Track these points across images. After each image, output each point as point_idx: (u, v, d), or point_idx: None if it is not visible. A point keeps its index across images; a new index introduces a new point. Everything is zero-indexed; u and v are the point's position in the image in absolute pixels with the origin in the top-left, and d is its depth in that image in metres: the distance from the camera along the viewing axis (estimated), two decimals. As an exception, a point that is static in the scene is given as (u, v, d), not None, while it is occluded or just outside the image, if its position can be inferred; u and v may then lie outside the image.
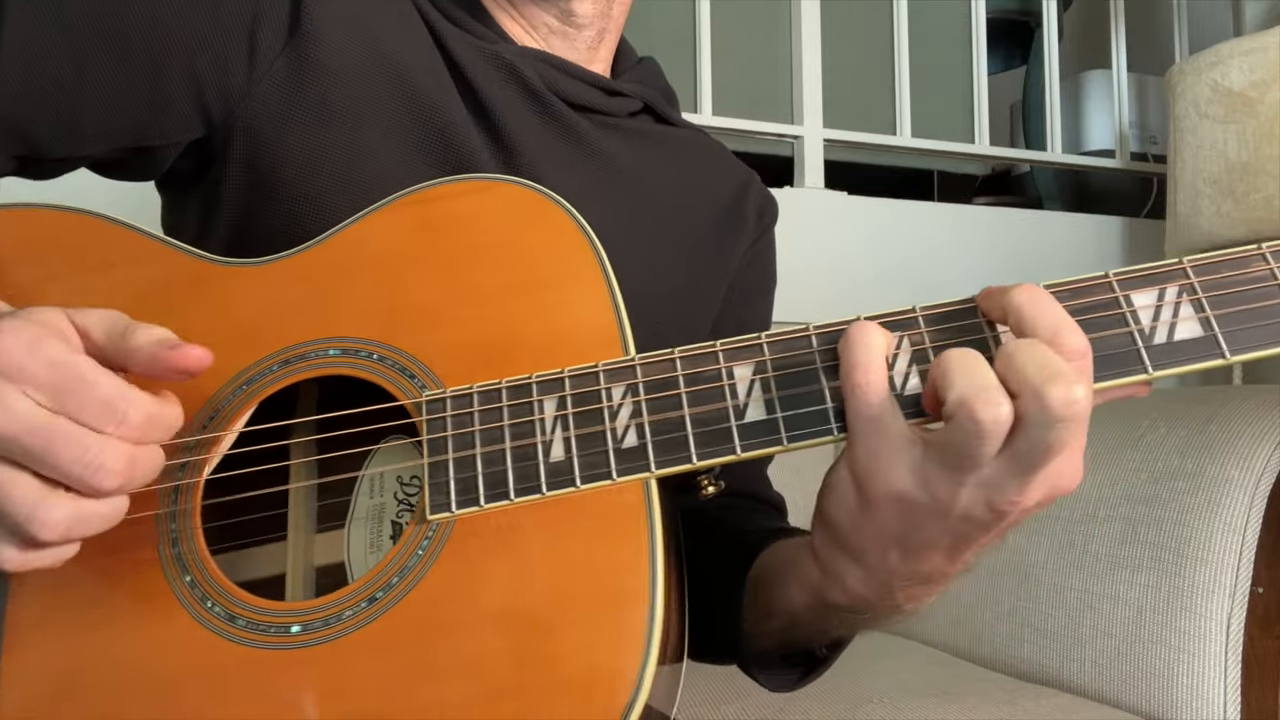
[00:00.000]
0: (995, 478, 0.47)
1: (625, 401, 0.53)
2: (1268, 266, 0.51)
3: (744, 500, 0.85)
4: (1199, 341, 0.50)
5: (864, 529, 0.52)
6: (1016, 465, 0.47)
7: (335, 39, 0.69)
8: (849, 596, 0.55)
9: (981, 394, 0.45)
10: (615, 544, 0.50)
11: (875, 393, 0.49)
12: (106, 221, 0.63)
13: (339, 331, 0.59)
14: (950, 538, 0.51)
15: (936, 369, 0.48)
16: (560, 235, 0.59)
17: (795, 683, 0.70)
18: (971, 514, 0.49)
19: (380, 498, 0.62)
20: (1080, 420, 0.45)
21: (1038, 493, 0.48)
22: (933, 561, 0.52)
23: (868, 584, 0.54)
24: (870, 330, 0.50)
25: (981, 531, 0.50)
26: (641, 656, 0.48)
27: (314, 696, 0.49)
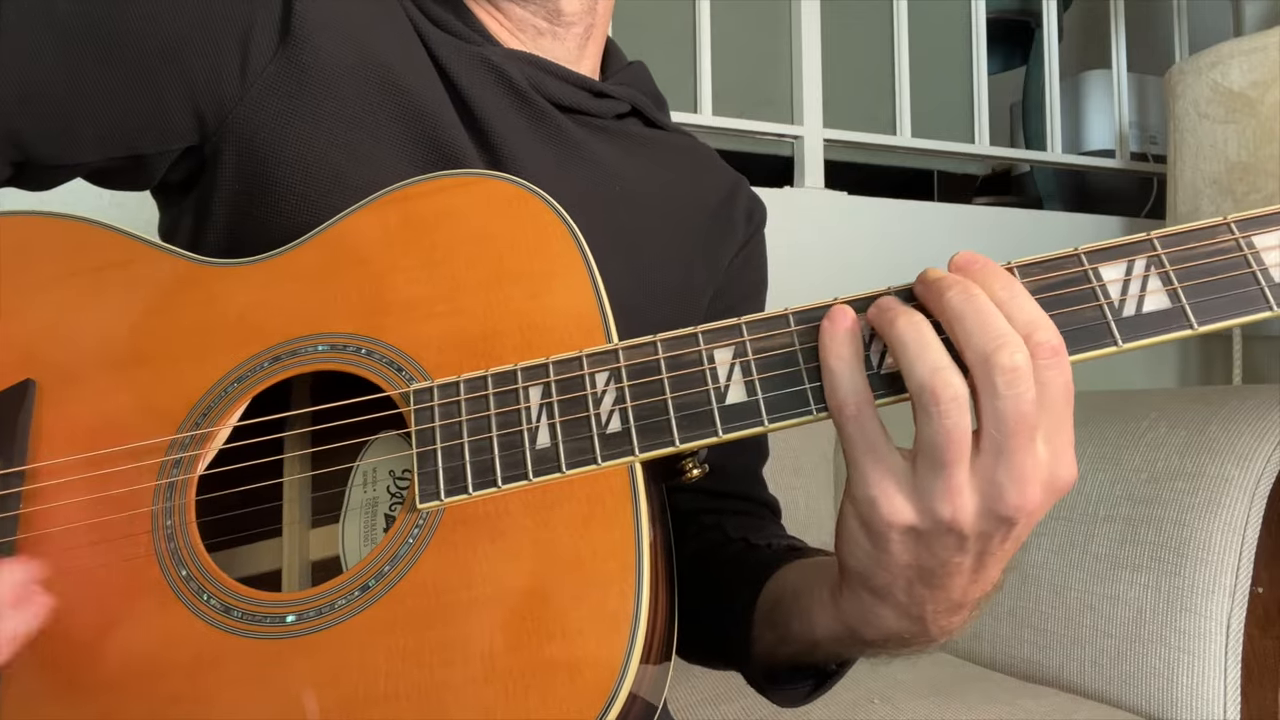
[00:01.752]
0: (984, 474, 0.48)
1: (609, 388, 0.54)
2: (1233, 237, 0.51)
3: (740, 502, 0.85)
4: (1167, 313, 0.50)
5: (883, 566, 0.52)
6: (995, 451, 0.47)
7: (326, 44, 0.69)
8: (884, 633, 0.56)
9: (937, 373, 0.47)
10: (601, 527, 0.51)
11: (867, 420, 0.50)
12: (93, 225, 0.63)
13: (327, 328, 0.59)
14: (968, 557, 0.51)
15: (892, 343, 0.50)
16: (542, 227, 0.60)
17: (804, 698, 0.70)
18: (980, 528, 0.49)
19: (373, 491, 0.62)
20: (1049, 390, 0.47)
21: (1034, 488, 0.48)
22: (958, 585, 0.52)
23: (900, 620, 0.54)
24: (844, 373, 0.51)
25: (997, 544, 0.50)
26: (629, 637, 0.48)
27: (310, 683, 0.50)
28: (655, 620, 0.50)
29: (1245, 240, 0.51)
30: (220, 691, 0.51)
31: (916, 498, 0.49)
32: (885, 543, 0.51)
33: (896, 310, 0.51)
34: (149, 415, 0.58)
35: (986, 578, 0.52)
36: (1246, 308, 0.50)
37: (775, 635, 0.66)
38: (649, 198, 0.82)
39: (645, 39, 1.92)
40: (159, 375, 0.59)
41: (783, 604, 0.65)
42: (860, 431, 0.50)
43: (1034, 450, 0.47)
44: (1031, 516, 0.49)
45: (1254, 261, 0.50)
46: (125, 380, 0.59)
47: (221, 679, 0.51)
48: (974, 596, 0.54)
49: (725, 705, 1.21)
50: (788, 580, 0.67)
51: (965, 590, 0.53)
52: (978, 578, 0.52)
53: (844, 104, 2.15)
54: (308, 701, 0.50)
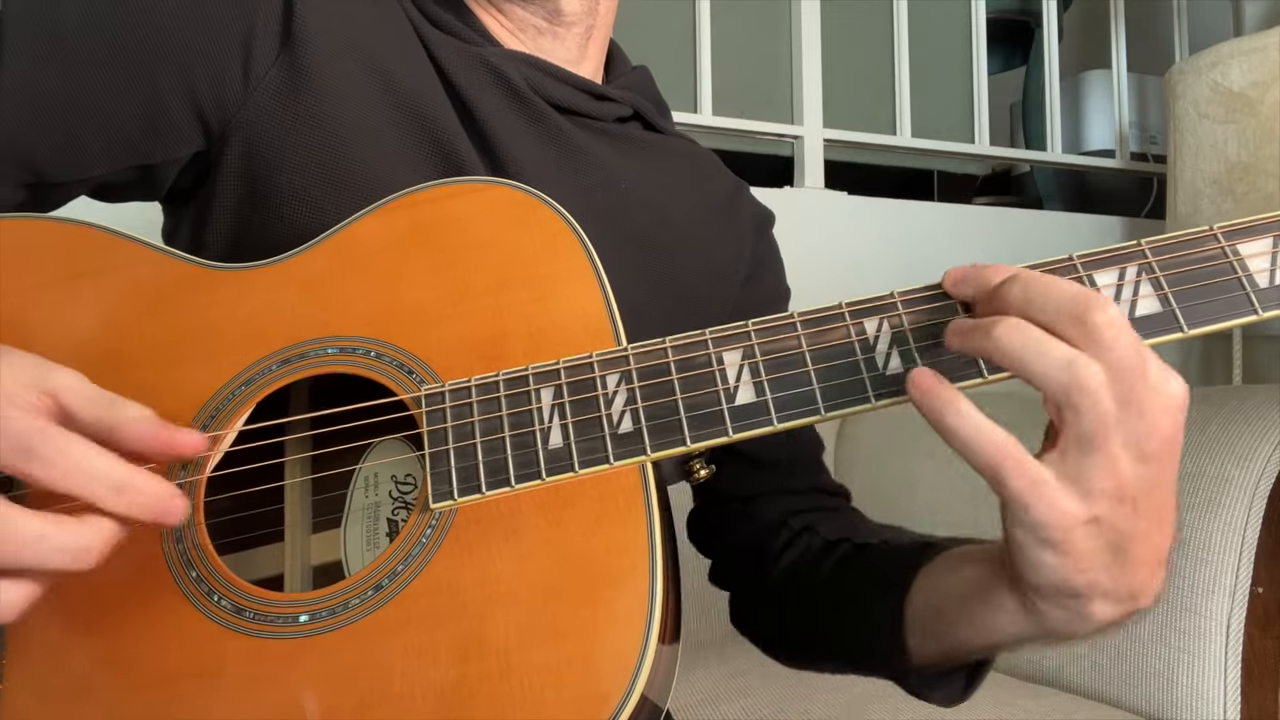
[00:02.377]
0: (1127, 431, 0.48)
1: (620, 389, 0.55)
2: (1219, 245, 0.54)
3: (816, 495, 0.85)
4: (1158, 317, 0.53)
5: (1076, 569, 0.51)
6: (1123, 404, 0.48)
7: (328, 48, 0.69)
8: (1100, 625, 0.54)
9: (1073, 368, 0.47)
10: (614, 526, 0.52)
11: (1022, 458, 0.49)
12: (94, 229, 0.63)
13: (336, 331, 0.59)
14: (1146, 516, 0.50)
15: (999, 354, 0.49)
16: (549, 232, 0.61)
17: (961, 694, 0.68)
18: (1141, 479, 0.49)
19: (375, 496, 0.63)
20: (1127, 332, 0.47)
21: (1165, 420, 0.48)
22: (1153, 543, 0.51)
23: (1115, 606, 0.53)
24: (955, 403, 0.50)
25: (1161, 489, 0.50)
26: (643, 634, 0.49)
27: (323, 683, 0.50)
28: (666, 617, 0.51)
29: (1231, 248, 0.54)
30: (233, 692, 0.51)
31: (1080, 490, 0.49)
32: (1069, 546, 0.50)
33: (984, 324, 0.50)
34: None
35: (1167, 523, 0.52)
36: (1233, 311, 0.53)
37: (939, 645, 0.64)
38: (649, 200, 0.82)
39: (645, 39, 1.92)
40: (164, 379, 0.59)
41: (944, 614, 0.63)
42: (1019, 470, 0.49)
43: (1151, 384, 0.48)
44: (1171, 443, 0.49)
45: (1239, 268, 0.53)
46: (129, 383, 0.59)
47: (234, 679, 0.51)
48: (1168, 544, 0.53)
49: (725, 705, 1.21)
50: (943, 588, 0.64)
51: (1159, 546, 0.52)
52: (1162, 527, 0.52)
53: (844, 104, 2.15)
54: (321, 701, 0.50)
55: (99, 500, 0.47)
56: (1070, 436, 0.49)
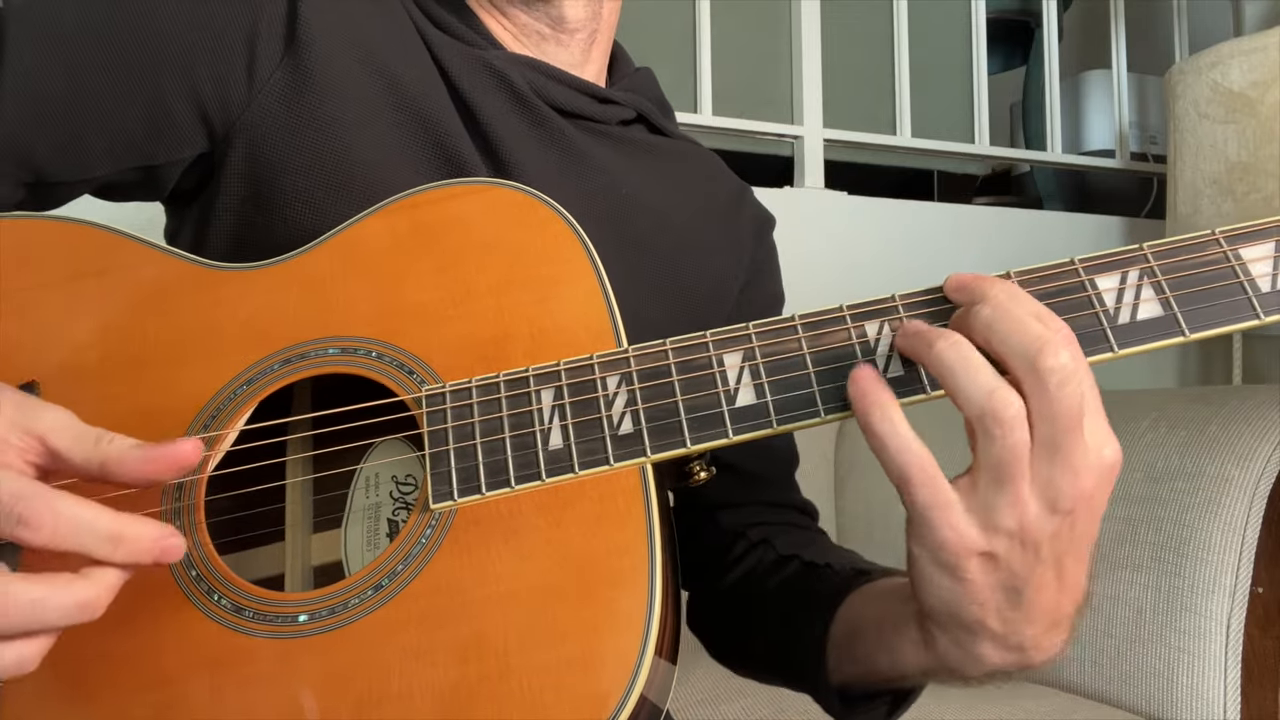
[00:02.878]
0: (1042, 477, 0.48)
1: (620, 390, 0.55)
2: (1221, 250, 0.54)
3: (781, 510, 0.85)
4: (1160, 320, 0.53)
5: (969, 599, 0.52)
6: (1049, 452, 0.48)
7: (332, 49, 0.69)
8: (987, 670, 0.55)
9: (992, 396, 0.48)
10: (614, 527, 0.52)
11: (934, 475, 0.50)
12: (96, 228, 0.63)
13: (338, 331, 0.60)
14: (1048, 567, 0.51)
15: (935, 368, 0.50)
16: (551, 234, 0.61)
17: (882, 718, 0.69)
18: (1047, 529, 0.49)
19: (376, 496, 0.63)
20: (1080, 383, 0.47)
21: (1087, 477, 0.48)
22: (1048, 599, 0.52)
23: (1002, 653, 0.54)
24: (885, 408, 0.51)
25: (1066, 542, 0.50)
26: (642, 634, 0.49)
27: (323, 683, 0.50)
28: (665, 618, 0.51)
29: (1233, 252, 0.54)
30: (232, 691, 0.51)
31: (983, 521, 0.49)
32: (963, 573, 0.50)
33: (930, 334, 0.51)
34: (156, 418, 0.58)
35: (1071, 584, 0.52)
36: (1235, 315, 0.53)
37: (857, 669, 0.65)
38: (652, 203, 0.82)
39: (645, 40, 1.92)
40: (165, 378, 0.59)
41: (863, 638, 0.64)
42: (929, 485, 0.50)
43: (1083, 441, 0.48)
44: (1090, 503, 0.49)
45: (1241, 272, 0.53)
46: (131, 383, 0.59)
47: (233, 678, 0.51)
48: (1067, 610, 0.53)
49: (725, 705, 1.21)
50: (865, 613, 0.66)
51: (1058, 604, 0.52)
52: (1063, 584, 0.52)
53: (844, 104, 2.15)
54: (320, 701, 0.50)
55: (96, 555, 0.46)
56: (980, 465, 0.49)
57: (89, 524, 0.46)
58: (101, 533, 0.46)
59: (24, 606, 0.44)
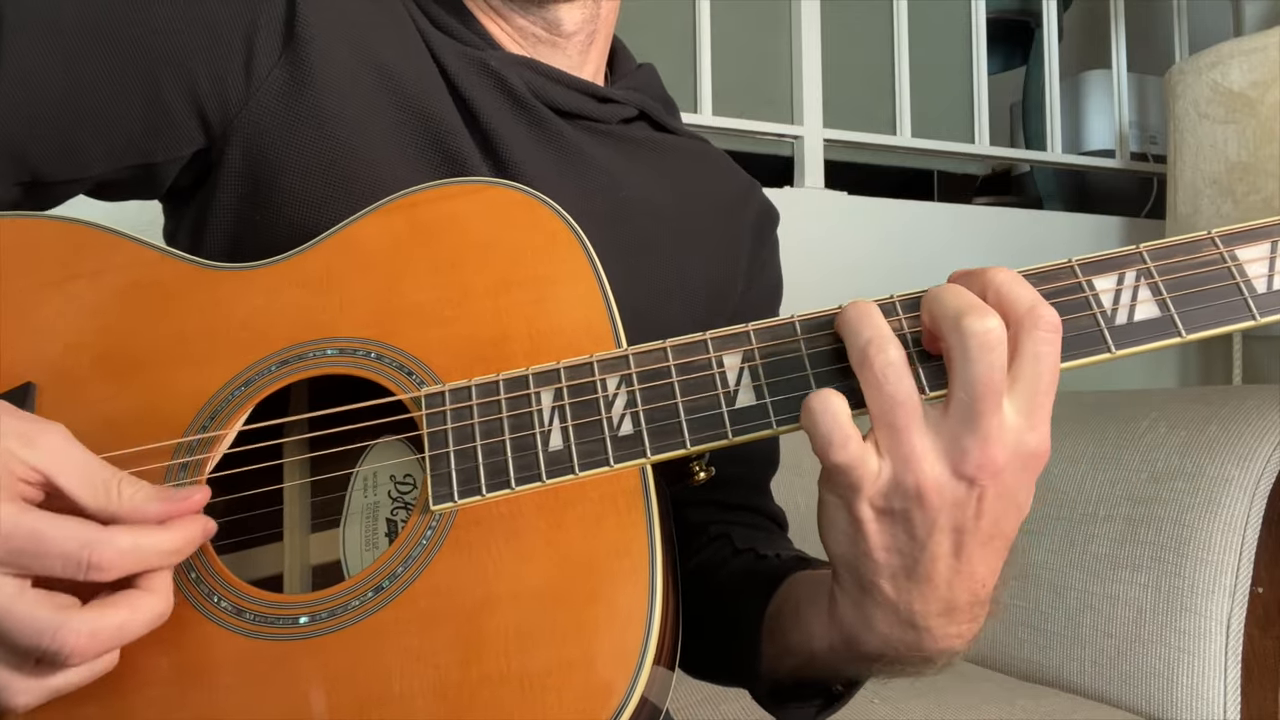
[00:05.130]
0: (949, 437, 0.48)
1: (620, 391, 0.55)
2: (1217, 250, 0.54)
3: (748, 514, 0.84)
4: (1157, 321, 0.53)
5: (864, 553, 0.52)
6: (961, 414, 0.48)
7: (330, 47, 0.69)
8: (878, 639, 0.55)
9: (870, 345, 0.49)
10: (615, 527, 0.52)
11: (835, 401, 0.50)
12: (93, 228, 0.63)
13: (336, 332, 0.59)
14: (945, 537, 0.50)
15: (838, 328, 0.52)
16: (549, 234, 0.61)
17: (811, 718, 0.69)
18: (949, 494, 0.49)
19: (374, 496, 0.63)
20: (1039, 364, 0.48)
21: (999, 450, 0.48)
22: (941, 574, 0.52)
23: (895, 626, 0.54)
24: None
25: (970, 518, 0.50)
26: (643, 634, 0.49)
27: (323, 684, 0.50)
28: (666, 618, 0.51)
29: (1229, 253, 0.54)
30: (232, 693, 0.51)
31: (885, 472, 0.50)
32: (861, 521, 0.51)
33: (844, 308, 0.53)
34: (153, 419, 0.58)
35: (970, 570, 0.52)
36: (1231, 316, 0.53)
37: (776, 648, 0.66)
38: (654, 202, 0.81)
39: (645, 39, 1.92)
40: (163, 379, 0.59)
41: (783, 615, 0.65)
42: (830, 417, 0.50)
43: (1000, 414, 0.48)
44: (998, 479, 0.49)
45: (1237, 273, 0.53)
46: (128, 384, 0.59)
47: (234, 680, 0.51)
48: (964, 598, 0.53)
49: (725, 705, 1.21)
50: (791, 592, 0.66)
51: (951, 584, 0.52)
52: (959, 566, 0.52)
53: (844, 104, 2.15)
54: (321, 702, 0.50)
55: (159, 567, 0.50)
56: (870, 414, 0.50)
57: (154, 547, 0.49)
58: (167, 549, 0.50)
59: (113, 633, 0.48)
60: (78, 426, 0.56)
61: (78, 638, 0.46)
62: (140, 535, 0.49)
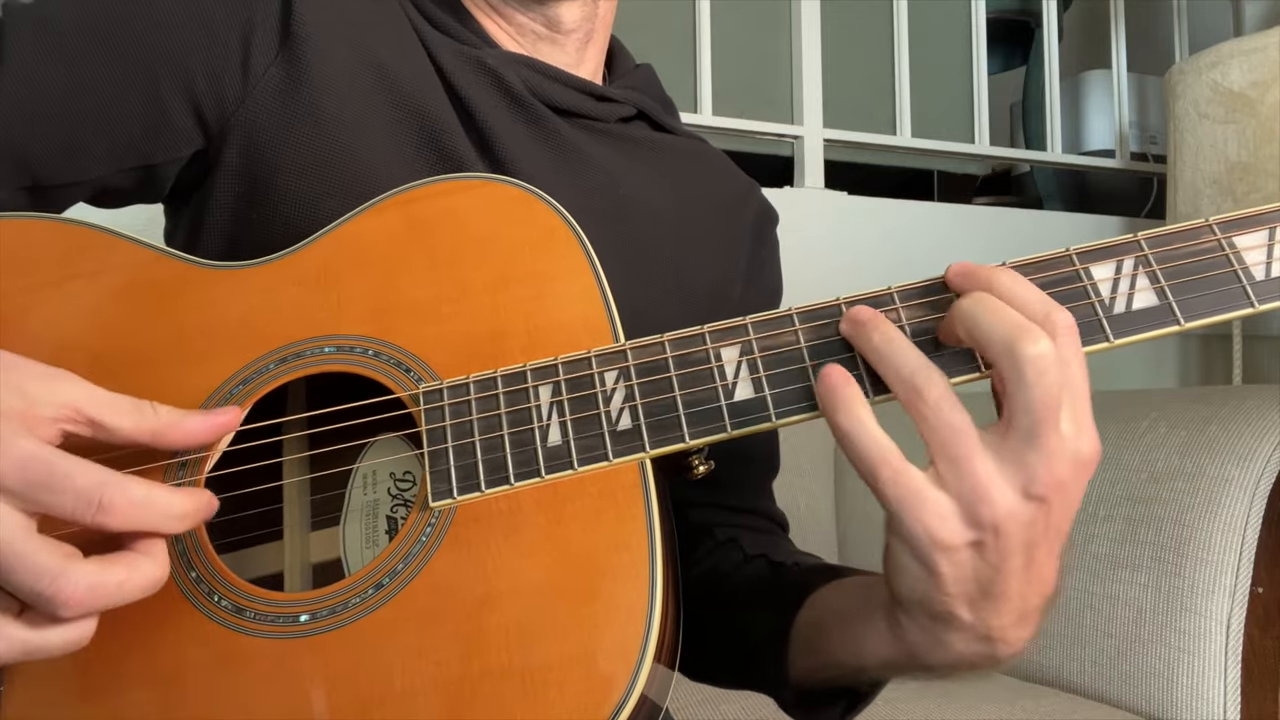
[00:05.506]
0: (1015, 462, 0.48)
1: (618, 386, 0.55)
2: (1215, 238, 0.54)
3: (749, 516, 0.84)
4: (1155, 310, 0.53)
5: (939, 589, 0.51)
6: (1024, 438, 0.48)
7: (327, 46, 0.69)
8: (953, 657, 0.54)
9: (917, 375, 0.49)
10: (614, 521, 0.52)
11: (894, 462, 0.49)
12: (94, 229, 0.63)
13: (333, 329, 0.59)
14: (1017, 556, 0.50)
15: (869, 354, 0.52)
16: (546, 230, 0.61)
17: (837, 719, 0.69)
18: (1017, 516, 0.49)
19: (374, 494, 0.62)
20: (1066, 371, 0.48)
21: (1062, 465, 0.48)
22: (1015, 589, 0.51)
23: (970, 643, 0.53)
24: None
25: (1039, 532, 0.50)
26: (644, 629, 0.49)
27: (324, 682, 0.50)
28: (666, 614, 0.51)
29: (1227, 240, 0.54)
30: (234, 692, 0.51)
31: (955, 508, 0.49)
32: (935, 566, 0.50)
33: (868, 324, 0.52)
34: None
35: (1040, 576, 0.52)
36: (1230, 304, 0.53)
37: (815, 661, 0.65)
38: (651, 201, 0.81)
39: (645, 39, 1.92)
40: (161, 378, 0.59)
41: (824, 629, 0.64)
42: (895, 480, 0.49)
43: (1060, 429, 0.48)
44: (1064, 493, 0.49)
45: (1235, 261, 0.53)
46: (126, 383, 0.58)
47: (235, 679, 0.51)
48: (1035, 602, 0.53)
49: (725, 705, 1.21)
50: (830, 604, 0.65)
51: (1024, 595, 0.52)
52: (1031, 576, 0.51)
53: (844, 104, 2.15)
54: (322, 700, 0.50)
55: (165, 531, 0.50)
56: (929, 449, 0.49)
57: (164, 506, 0.49)
58: (175, 513, 0.50)
59: (110, 590, 0.47)
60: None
61: (75, 588, 0.45)
62: (153, 489, 0.49)
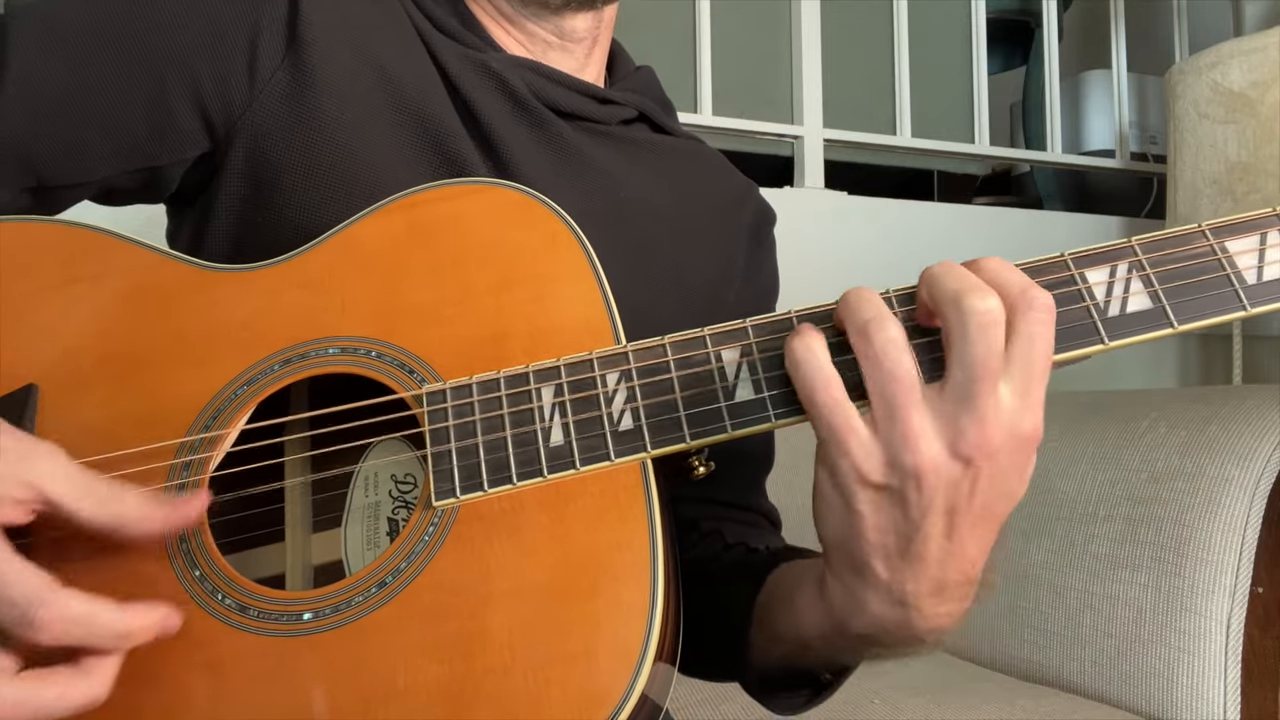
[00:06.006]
0: (947, 416, 0.49)
1: (620, 387, 0.55)
2: (1208, 243, 0.55)
3: (740, 511, 0.85)
4: (1149, 313, 0.54)
5: (857, 533, 0.52)
6: (958, 394, 0.48)
7: (332, 49, 0.69)
8: (871, 622, 0.55)
9: (871, 322, 0.50)
10: (616, 521, 0.52)
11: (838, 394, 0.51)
12: (96, 232, 0.63)
13: (337, 331, 0.60)
14: (938, 517, 0.51)
15: (840, 312, 0.52)
16: (548, 233, 0.61)
17: (800, 706, 0.70)
18: (945, 474, 0.49)
19: (376, 495, 0.63)
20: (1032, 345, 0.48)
21: (995, 430, 0.48)
22: (933, 554, 0.52)
23: (885, 605, 0.54)
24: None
25: (964, 498, 0.50)
26: (645, 627, 0.50)
27: (328, 680, 0.51)
28: (668, 613, 0.51)
29: (1219, 245, 0.55)
30: (238, 690, 0.51)
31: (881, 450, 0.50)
32: (856, 501, 0.51)
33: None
34: (155, 419, 0.58)
35: (962, 550, 0.52)
36: (1222, 307, 0.54)
37: (766, 636, 0.66)
38: (653, 203, 0.82)
39: (645, 39, 1.92)
40: (165, 379, 0.59)
41: (774, 602, 0.65)
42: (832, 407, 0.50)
43: (997, 395, 0.48)
44: (992, 461, 0.49)
45: (1228, 265, 0.54)
46: (130, 385, 0.59)
47: (239, 677, 0.51)
48: (955, 577, 0.53)
49: (725, 705, 1.21)
50: (781, 580, 0.66)
51: (943, 563, 0.52)
52: (952, 547, 0.52)
53: (844, 104, 2.15)
54: (326, 698, 0.50)
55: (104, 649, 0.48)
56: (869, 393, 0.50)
57: (102, 626, 0.47)
58: (113, 632, 0.48)
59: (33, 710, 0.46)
60: (80, 427, 0.57)
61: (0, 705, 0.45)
62: (97, 607, 0.47)
